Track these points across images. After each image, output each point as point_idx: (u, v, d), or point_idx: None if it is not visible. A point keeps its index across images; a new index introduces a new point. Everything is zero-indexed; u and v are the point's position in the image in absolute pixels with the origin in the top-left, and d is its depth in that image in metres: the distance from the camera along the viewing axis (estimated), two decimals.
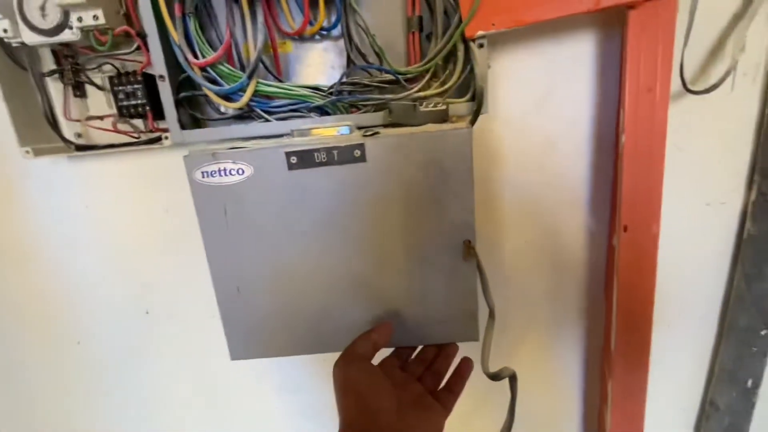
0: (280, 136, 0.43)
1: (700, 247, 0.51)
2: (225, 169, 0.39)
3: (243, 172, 0.39)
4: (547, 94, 0.46)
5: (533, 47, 0.45)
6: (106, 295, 0.60)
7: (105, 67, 0.47)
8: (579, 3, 0.38)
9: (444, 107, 0.41)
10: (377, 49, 0.42)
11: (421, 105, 0.41)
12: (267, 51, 0.44)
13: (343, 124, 0.41)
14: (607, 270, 0.51)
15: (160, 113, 0.44)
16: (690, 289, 0.53)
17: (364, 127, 0.42)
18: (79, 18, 0.40)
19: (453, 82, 0.42)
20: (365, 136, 0.39)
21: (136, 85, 0.45)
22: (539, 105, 0.47)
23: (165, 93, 0.43)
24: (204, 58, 0.42)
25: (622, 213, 0.44)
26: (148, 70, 0.44)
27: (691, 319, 0.54)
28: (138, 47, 0.43)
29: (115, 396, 0.67)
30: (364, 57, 0.43)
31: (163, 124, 0.45)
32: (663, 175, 0.42)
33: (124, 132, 0.48)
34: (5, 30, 0.41)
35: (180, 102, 0.44)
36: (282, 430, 0.67)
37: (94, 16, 0.40)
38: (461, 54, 0.41)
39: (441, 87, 0.42)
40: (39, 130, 0.47)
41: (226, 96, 0.43)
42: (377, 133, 0.39)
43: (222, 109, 0.46)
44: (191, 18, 0.41)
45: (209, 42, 0.43)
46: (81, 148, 0.48)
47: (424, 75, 0.42)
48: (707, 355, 0.56)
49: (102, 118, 0.49)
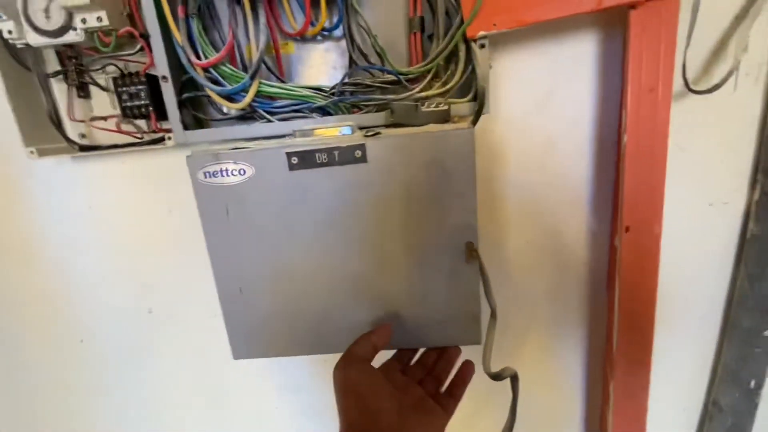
0: (282, 136, 0.43)
1: (702, 248, 0.51)
2: (227, 170, 0.39)
3: (244, 172, 0.39)
4: (549, 94, 0.46)
5: (535, 47, 0.45)
6: (108, 295, 0.60)
7: (108, 68, 0.47)
8: (580, 3, 0.38)
9: (446, 107, 0.41)
10: (379, 50, 0.43)
11: (423, 105, 0.41)
12: (269, 52, 0.44)
13: (345, 124, 0.41)
14: (609, 270, 0.51)
15: (163, 114, 0.45)
16: (692, 290, 0.53)
17: (366, 128, 0.42)
18: (83, 19, 0.40)
19: (454, 82, 0.42)
20: (366, 136, 0.38)
21: (139, 86, 0.45)
22: (541, 105, 0.47)
23: (168, 94, 0.43)
24: (207, 59, 0.42)
25: (624, 213, 0.44)
26: (151, 71, 0.44)
27: (694, 320, 0.54)
28: (141, 48, 0.43)
29: (117, 395, 0.67)
30: (365, 57, 0.43)
31: (166, 124, 0.46)
32: (665, 175, 0.42)
33: (127, 132, 0.49)
34: (10, 31, 0.41)
35: (183, 103, 0.44)
36: (283, 429, 0.67)
37: (97, 17, 0.40)
38: (463, 54, 0.41)
39: (442, 87, 0.42)
40: (43, 130, 0.47)
41: (228, 97, 0.43)
42: (378, 134, 0.39)
43: (224, 110, 0.46)
44: (194, 19, 0.41)
45: (212, 43, 0.43)
46: (85, 148, 0.48)
47: (425, 75, 0.42)
48: (710, 356, 0.56)
49: (105, 118, 0.49)
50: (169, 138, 0.47)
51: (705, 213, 0.49)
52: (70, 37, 0.41)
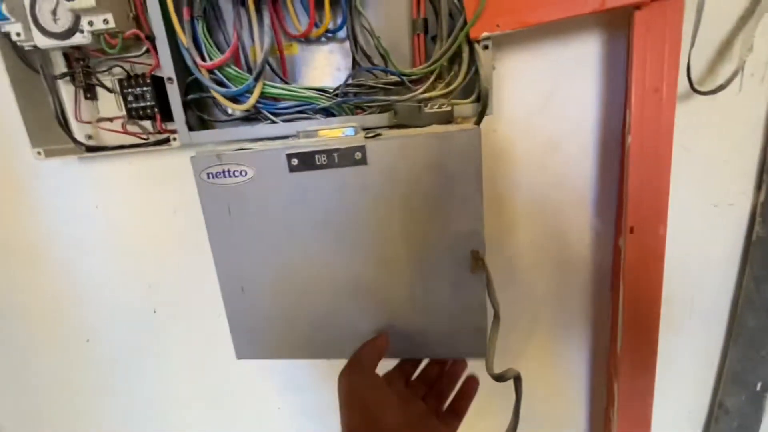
0: (286, 137, 0.43)
1: (707, 249, 0.51)
2: (229, 170, 0.39)
3: (246, 173, 0.39)
4: (552, 95, 0.46)
5: (538, 48, 0.45)
6: (114, 295, 0.61)
7: (115, 70, 0.47)
8: (584, 4, 0.38)
9: (449, 108, 0.41)
10: (382, 51, 0.43)
11: (426, 106, 0.41)
12: (273, 53, 0.45)
13: (349, 125, 0.41)
14: (613, 271, 0.51)
15: (168, 115, 0.45)
16: (698, 291, 0.52)
17: (369, 129, 0.42)
18: (90, 22, 0.41)
19: (458, 83, 0.42)
20: (366, 137, 0.37)
21: (145, 88, 0.46)
22: (544, 106, 0.47)
23: (173, 95, 0.44)
24: (212, 60, 0.42)
25: (628, 214, 0.44)
26: (157, 72, 0.45)
27: (699, 321, 0.54)
28: (147, 50, 0.44)
29: (122, 394, 0.67)
30: (369, 59, 0.43)
31: (172, 125, 0.46)
32: (670, 176, 0.42)
33: (133, 133, 0.49)
34: (18, 33, 0.42)
35: (188, 104, 0.45)
36: (285, 429, 0.67)
37: (104, 20, 0.41)
38: (466, 55, 0.41)
39: (446, 88, 0.42)
40: (50, 131, 0.48)
41: (233, 98, 0.43)
42: (379, 135, 0.38)
43: (229, 111, 0.46)
44: (199, 21, 0.42)
45: (217, 45, 0.43)
46: (91, 149, 0.49)
47: (429, 76, 0.42)
48: (715, 358, 0.56)
49: (112, 119, 0.50)
50: (174, 139, 0.47)
51: (710, 214, 0.49)
52: (77, 40, 0.42)
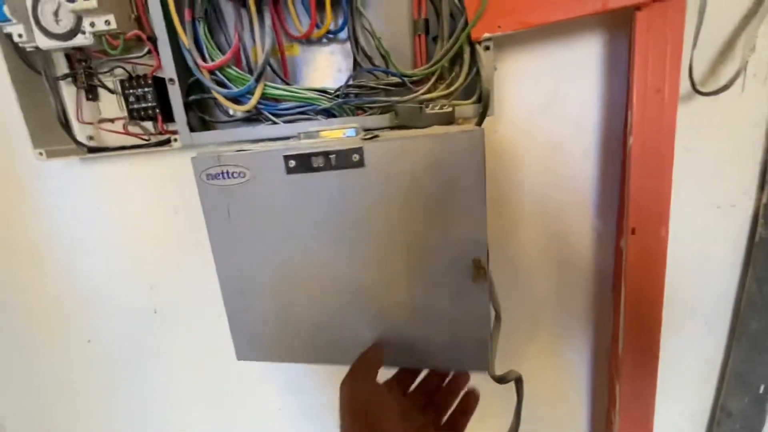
0: (287, 138, 0.43)
1: (710, 250, 0.50)
2: (227, 172, 0.39)
3: (244, 174, 0.39)
4: (554, 95, 0.46)
5: (540, 49, 0.45)
6: (115, 295, 0.61)
7: (116, 71, 0.48)
8: (585, 4, 0.38)
9: (450, 109, 0.41)
10: (383, 52, 0.43)
11: (427, 107, 0.41)
12: (274, 54, 0.45)
13: (350, 126, 0.41)
14: (615, 272, 0.51)
15: (169, 116, 0.45)
16: (700, 293, 0.52)
17: (369, 129, 0.42)
18: (92, 23, 0.41)
19: (459, 84, 0.42)
20: (364, 139, 0.36)
21: (146, 89, 0.46)
22: (546, 107, 0.47)
23: (175, 96, 0.44)
24: (213, 61, 0.42)
25: (630, 215, 0.43)
26: (158, 73, 0.45)
27: (701, 323, 0.54)
28: (149, 51, 0.44)
29: (123, 394, 0.67)
30: (370, 60, 0.43)
31: (173, 126, 0.46)
32: (672, 177, 0.42)
33: (134, 134, 0.49)
34: (20, 35, 0.42)
35: (189, 105, 0.45)
36: (286, 430, 0.67)
37: (106, 21, 0.41)
38: (467, 56, 0.41)
39: (447, 89, 0.42)
40: (52, 132, 0.48)
41: (234, 99, 0.43)
42: (377, 136, 0.36)
43: (230, 112, 0.46)
44: (201, 22, 0.42)
45: (218, 46, 0.43)
46: (93, 150, 0.49)
47: (430, 77, 0.42)
48: (718, 360, 0.55)
49: (113, 120, 0.50)
50: (176, 140, 0.47)
51: (712, 215, 0.49)
52: (79, 41, 0.42)
